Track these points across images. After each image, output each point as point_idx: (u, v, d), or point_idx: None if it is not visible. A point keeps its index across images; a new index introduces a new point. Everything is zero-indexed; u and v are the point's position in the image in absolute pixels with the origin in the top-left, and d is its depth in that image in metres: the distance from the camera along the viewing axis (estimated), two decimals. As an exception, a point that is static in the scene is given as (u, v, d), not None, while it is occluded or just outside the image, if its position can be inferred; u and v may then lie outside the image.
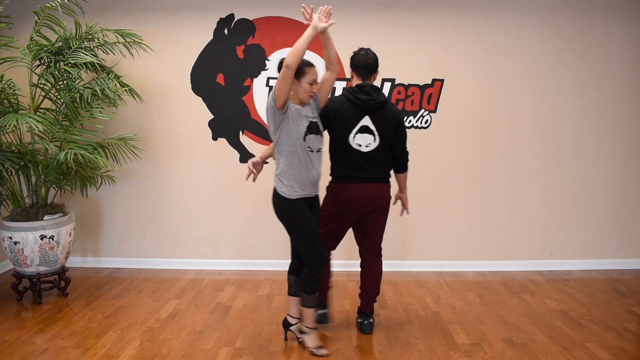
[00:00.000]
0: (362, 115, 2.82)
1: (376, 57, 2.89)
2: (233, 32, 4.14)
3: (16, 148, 3.45)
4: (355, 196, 2.85)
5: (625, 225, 4.31)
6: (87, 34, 3.69)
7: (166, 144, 4.28)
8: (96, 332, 3.09)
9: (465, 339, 2.99)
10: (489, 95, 4.17)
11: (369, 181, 2.87)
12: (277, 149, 2.71)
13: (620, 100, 4.18)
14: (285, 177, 2.69)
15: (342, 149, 2.86)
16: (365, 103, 2.80)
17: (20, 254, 3.49)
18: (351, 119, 2.82)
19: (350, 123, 2.83)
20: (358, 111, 2.82)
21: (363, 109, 2.82)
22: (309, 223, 2.70)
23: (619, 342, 2.95)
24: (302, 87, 2.66)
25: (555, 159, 4.23)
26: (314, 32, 2.57)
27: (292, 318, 2.94)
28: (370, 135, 2.84)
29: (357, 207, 2.87)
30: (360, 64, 2.86)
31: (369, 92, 2.82)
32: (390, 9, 4.08)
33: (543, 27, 4.10)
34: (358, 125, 2.83)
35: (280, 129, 2.65)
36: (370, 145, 2.84)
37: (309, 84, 2.67)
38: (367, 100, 2.80)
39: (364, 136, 2.83)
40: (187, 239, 4.38)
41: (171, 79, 4.20)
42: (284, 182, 2.69)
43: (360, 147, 2.84)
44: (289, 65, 2.51)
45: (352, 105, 2.82)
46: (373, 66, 2.87)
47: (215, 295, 3.72)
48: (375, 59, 2.87)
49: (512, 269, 4.30)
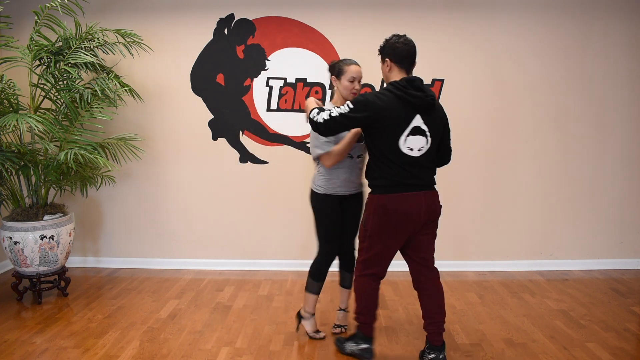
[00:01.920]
0: (412, 114, 2.43)
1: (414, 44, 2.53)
2: (233, 32, 4.14)
3: (16, 148, 3.45)
4: (408, 208, 2.47)
5: (625, 225, 4.31)
6: (87, 34, 3.69)
7: (166, 144, 4.28)
8: (96, 332, 3.09)
9: (465, 339, 2.99)
10: (489, 95, 4.16)
11: (421, 189, 2.51)
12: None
13: (620, 100, 4.18)
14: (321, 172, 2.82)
15: (390, 155, 2.45)
16: (421, 100, 2.41)
17: (20, 254, 3.49)
18: (402, 119, 2.42)
19: (401, 124, 2.42)
20: (408, 110, 2.42)
21: (415, 106, 2.42)
22: (333, 219, 2.83)
23: (619, 342, 2.95)
24: (343, 85, 2.71)
25: (555, 159, 4.23)
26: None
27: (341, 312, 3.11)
28: (422, 137, 2.45)
29: (411, 220, 2.50)
30: (404, 54, 2.48)
31: (421, 88, 2.43)
32: (390, 9, 4.08)
33: (543, 28, 4.10)
34: (410, 126, 2.44)
35: None
36: (422, 149, 2.46)
37: (349, 81, 2.70)
38: (422, 97, 2.41)
39: (416, 138, 2.44)
40: (187, 239, 4.38)
41: (171, 79, 4.20)
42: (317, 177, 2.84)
43: (411, 151, 2.45)
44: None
45: (402, 103, 2.41)
46: (414, 55, 2.51)
47: (215, 295, 3.72)
48: (414, 46, 2.51)
49: (512, 269, 4.30)
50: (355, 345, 2.73)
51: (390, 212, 2.48)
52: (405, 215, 2.48)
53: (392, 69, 2.52)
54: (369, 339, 2.71)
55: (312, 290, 2.93)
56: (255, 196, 4.28)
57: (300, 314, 3.03)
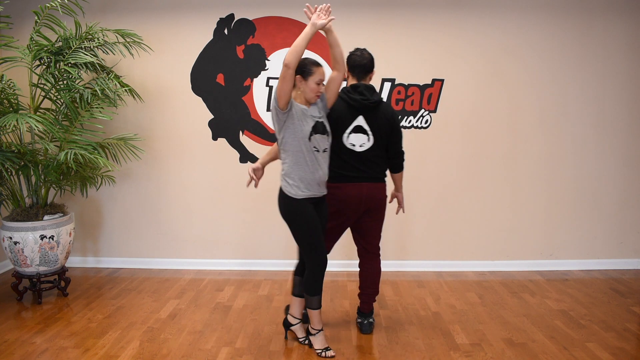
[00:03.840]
0: (355, 115, 2.82)
1: (372, 57, 2.88)
2: (233, 32, 4.14)
3: (16, 148, 3.45)
4: (349, 195, 2.85)
5: (625, 225, 4.31)
6: (87, 34, 3.69)
7: (166, 144, 4.28)
8: (96, 332, 3.09)
9: (465, 339, 2.99)
10: (489, 95, 4.17)
11: (363, 180, 2.87)
12: (283, 149, 2.71)
13: (620, 100, 4.18)
14: (290, 177, 2.68)
15: (337, 149, 2.84)
16: (359, 103, 2.80)
17: (20, 254, 3.49)
18: (345, 119, 2.82)
19: (345, 123, 2.82)
20: (352, 111, 2.82)
21: (357, 108, 2.81)
22: (313, 224, 2.69)
23: (619, 342, 2.94)
24: (309, 86, 2.66)
25: (555, 159, 4.23)
26: (312, 30, 2.58)
27: (293, 318, 2.94)
28: (364, 135, 2.84)
29: (352, 206, 2.87)
30: (356, 64, 2.86)
31: (362, 92, 2.82)
32: (390, 9, 4.08)
33: (543, 27, 4.10)
34: (352, 125, 2.83)
35: (285, 128, 2.64)
36: (364, 145, 2.84)
37: (316, 83, 2.66)
38: (361, 100, 2.80)
39: (357, 136, 2.83)
40: (187, 239, 4.38)
41: (171, 79, 4.20)
42: (290, 182, 2.68)
43: (354, 146, 2.84)
44: (288, 64, 2.52)
45: (347, 105, 2.82)
46: (368, 66, 2.87)
47: (215, 295, 3.72)
48: (370, 59, 2.87)
49: (512, 269, 4.30)
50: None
51: (335, 198, 2.87)
52: (344, 202, 2.87)
53: (349, 77, 2.92)
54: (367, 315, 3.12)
55: (313, 306, 2.78)
56: (255, 196, 4.27)
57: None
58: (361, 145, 2.84)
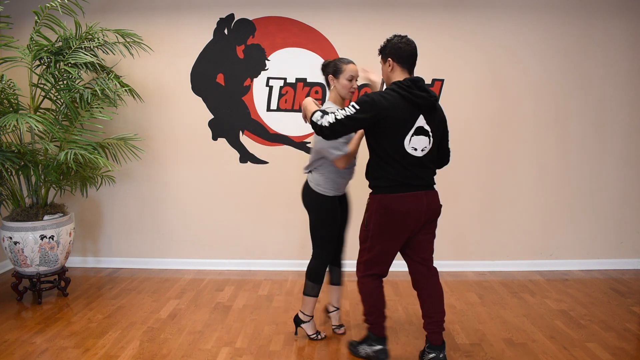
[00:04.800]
0: (417, 114, 2.43)
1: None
2: (233, 32, 4.14)
3: (16, 148, 3.45)
4: (410, 208, 2.48)
5: (625, 225, 4.31)
6: (87, 34, 3.69)
7: (166, 144, 4.28)
8: (96, 332, 3.09)
9: (465, 339, 2.99)
10: (489, 95, 4.17)
11: (422, 189, 2.52)
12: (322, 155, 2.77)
13: (620, 100, 4.18)
14: (324, 179, 2.77)
15: (395, 154, 2.44)
16: (425, 100, 2.42)
17: (20, 254, 3.49)
18: (407, 120, 2.42)
19: (407, 124, 2.42)
20: (413, 110, 2.42)
21: (419, 107, 2.43)
22: (334, 219, 2.82)
23: (619, 342, 2.94)
24: (342, 83, 2.73)
25: (555, 159, 4.23)
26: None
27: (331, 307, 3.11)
28: (426, 137, 2.46)
29: (412, 220, 2.50)
30: (407, 54, 2.48)
31: (424, 88, 2.45)
32: (390, 9, 4.08)
33: (543, 27, 4.10)
34: (414, 126, 2.44)
35: None
36: (425, 149, 2.47)
37: (348, 80, 2.72)
38: (427, 97, 2.42)
39: (420, 138, 2.44)
40: (187, 239, 4.38)
41: (171, 79, 4.20)
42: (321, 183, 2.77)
43: (415, 151, 2.45)
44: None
45: (407, 104, 2.41)
46: (416, 56, 2.52)
47: (215, 295, 3.72)
48: (416, 47, 2.53)
49: (512, 269, 4.30)
50: (369, 347, 2.71)
51: (393, 212, 2.48)
52: (407, 215, 2.48)
53: (394, 69, 2.51)
54: (381, 339, 2.70)
55: (311, 294, 2.92)
56: (255, 196, 4.28)
57: (299, 317, 3.01)
58: (423, 150, 2.46)
